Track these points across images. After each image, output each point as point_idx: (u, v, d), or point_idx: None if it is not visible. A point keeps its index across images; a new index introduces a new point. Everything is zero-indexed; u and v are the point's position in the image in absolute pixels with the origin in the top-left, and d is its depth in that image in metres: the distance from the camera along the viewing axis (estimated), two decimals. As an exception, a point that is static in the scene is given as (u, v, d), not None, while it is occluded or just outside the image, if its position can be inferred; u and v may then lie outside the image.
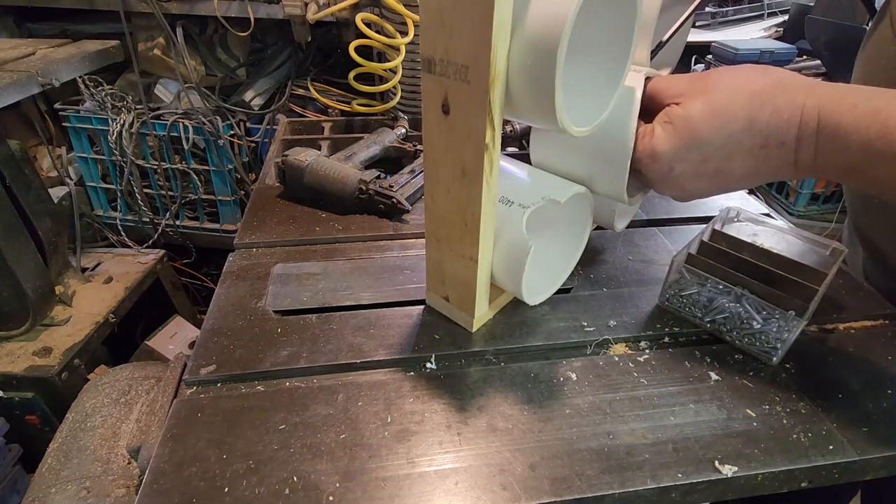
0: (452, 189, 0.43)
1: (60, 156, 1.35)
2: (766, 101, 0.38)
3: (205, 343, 0.48)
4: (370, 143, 0.82)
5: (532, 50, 0.35)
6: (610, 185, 0.47)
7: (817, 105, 0.37)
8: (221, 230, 1.40)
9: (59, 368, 0.93)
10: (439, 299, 0.52)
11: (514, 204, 0.45)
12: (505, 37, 0.35)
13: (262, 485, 0.37)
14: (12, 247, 0.92)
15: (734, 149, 0.40)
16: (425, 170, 0.45)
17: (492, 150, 0.39)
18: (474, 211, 0.42)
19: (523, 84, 0.37)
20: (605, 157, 0.46)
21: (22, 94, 0.92)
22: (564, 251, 0.54)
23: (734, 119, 0.39)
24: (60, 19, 1.34)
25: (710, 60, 1.21)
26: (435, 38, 0.38)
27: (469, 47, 0.36)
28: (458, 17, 0.35)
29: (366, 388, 0.44)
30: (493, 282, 0.49)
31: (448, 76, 0.38)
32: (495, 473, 0.38)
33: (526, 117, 0.41)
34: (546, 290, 0.53)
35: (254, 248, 0.62)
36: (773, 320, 0.46)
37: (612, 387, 0.45)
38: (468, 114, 0.38)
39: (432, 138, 0.43)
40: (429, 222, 0.48)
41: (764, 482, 0.39)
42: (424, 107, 0.42)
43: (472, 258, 0.45)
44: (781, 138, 0.38)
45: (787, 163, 0.39)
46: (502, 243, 0.46)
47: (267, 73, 1.34)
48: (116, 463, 0.56)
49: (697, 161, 0.41)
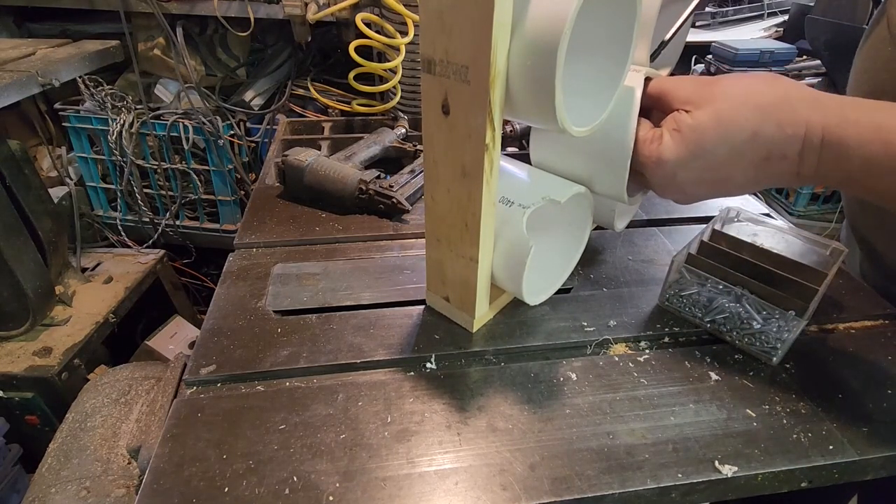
0: (452, 189, 0.43)
1: (60, 156, 1.35)
2: (771, 114, 0.39)
3: (205, 343, 0.48)
4: (370, 143, 0.82)
5: (532, 50, 0.35)
6: (610, 185, 0.47)
7: (821, 121, 0.38)
8: (221, 230, 1.40)
9: (59, 368, 0.93)
10: (440, 300, 0.52)
11: (514, 204, 0.45)
12: (505, 37, 0.35)
13: (262, 485, 0.37)
14: (12, 247, 0.92)
15: (737, 159, 0.40)
16: (425, 170, 0.45)
17: (492, 151, 0.39)
18: (474, 211, 0.42)
19: (523, 84, 0.37)
20: (605, 158, 0.46)
21: (22, 94, 0.92)
22: (564, 251, 0.54)
23: (740, 130, 0.39)
24: (60, 19, 1.34)
25: (709, 60, 1.21)
26: (435, 39, 0.38)
27: (469, 48, 0.36)
28: (458, 17, 0.35)
29: (366, 388, 0.44)
30: (494, 282, 0.49)
31: (448, 76, 0.38)
32: (495, 473, 0.38)
33: (526, 117, 0.41)
34: (546, 291, 0.53)
35: (254, 248, 0.62)
36: (773, 320, 0.46)
37: (612, 387, 0.45)
38: (468, 114, 0.38)
39: (432, 138, 0.43)
40: (429, 222, 0.48)
41: (764, 482, 0.39)
42: (424, 107, 0.42)
43: (472, 258, 0.45)
44: (784, 151, 0.39)
45: (789, 174, 0.40)
46: (502, 243, 0.45)
47: (267, 73, 1.34)
48: (116, 463, 0.56)
49: (701, 169, 0.42)
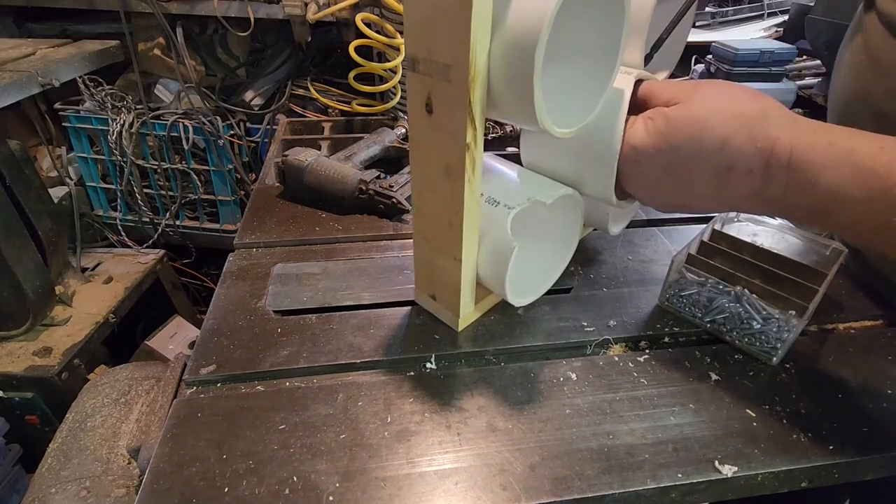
0: (438, 188, 0.43)
1: (60, 156, 1.35)
2: (744, 126, 0.38)
3: (205, 343, 0.48)
4: (370, 143, 0.82)
5: (511, 50, 0.35)
6: (597, 187, 0.47)
7: (791, 140, 0.36)
8: (221, 230, 1.40)
9: (59, 368, 0.93)
10: (427, 298, 0.52)
11: (499, 204, 0.45)
12: (485, 36, 0.35)
13: (262, 485, 0.37)
14: (12, 247, 0.92)
15: (700, 165, 0.40)
16: (412, 168, 0.45)
17: (473, 150, 0.39)
18: (458, 210, 0.42)
19: (504, 84, 0.37)
20: (593, 159, 0.46)
21: (22, 94, 0.92)
22: (554, 253, 0.54)
23: (711, 135, 0.38)
24: (60, 19, 1.34)
25: (709, 60, 1.21)
26: (418, 37, 0.38)
27: (450, 46, 0.36)
28: (440, 16, 0.35)
29: (366, 388, 0.44)
30: (479, 281, 0.49)
31: (431, 75, 0.38)
32: (495, 473, 0.38)
33: (508, 117, 0.41)
34: (534, 292, 0.52)
35: (254, 248, 0.62)
36: (773, 320, 0.46)
37: (612, 387, 0.45)
38: (451, 113, 0.38)
39: (418, 137, 0.43)
40: (416, 221, 0.48)
41: (764, 482, 0.39)
42: (410, 105, 0.42)
43: (456, 257, 0.45)
44: (749, 166, 0.38)
45: (753, 192, 0.39)
46: (487, 243, 0.45)
47: (267, 73, 1.34)
48: (116, 463, 0.56)
49: (664, 165, 0.41)
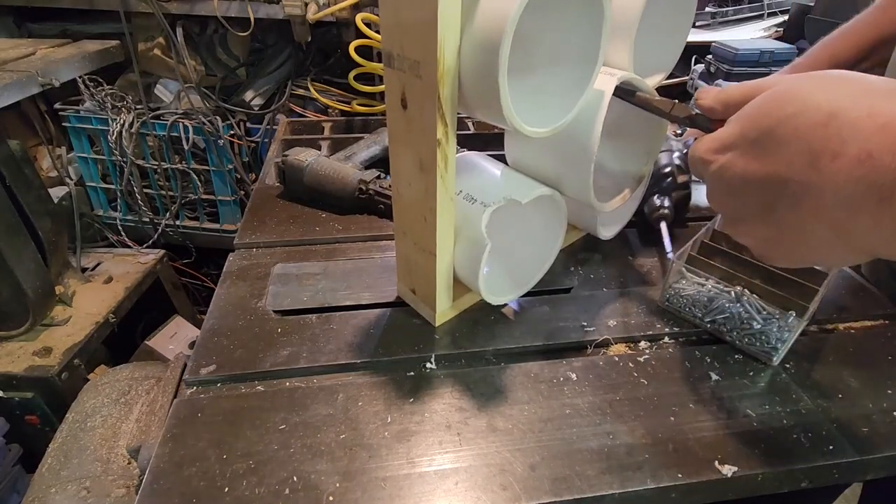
0: (413, 183, 0.43)
1: (60, 156, 1.35)
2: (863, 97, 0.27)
3: (205, 343, 0.48)
4: (370, 143, 0.82)
5: (479, 48, 0.35)
6: (575, 188, 0.47)
7: None
8: (221, 230, 1.40)
9: (59, 368, 0.93)
10: (408, 291, 0.52)
11: (476, 202, 0.45)
12: (453, 34, 0.35)
13: (262, 485, 0.36)
14: (12, 247, 0.92)
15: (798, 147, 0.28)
16: (391, 163, 0.46)
17: (445, 146, 0.39)
18: (432, 206, 0.42)
19: (473, 82, 0.37)
20: (571, 159, 0.46)
21: (22, 94, 0.92)
22: (535, 254, 0.53)
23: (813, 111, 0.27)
24: (60, 19, 1.34)
25: (709, 60, 1.21)
26: (392, 33, 0.38)
27: (419, 43, 0.36)
28: (410, 12, 0.36)
29: (366, 388, 0.44)
30: (457, 278, 0.49)
31: (404, 71, 0.38)
32: (495, 473, 0.38)
33: (479, 115, 0.41)
34: (512, 292, 0.51)
35: (254, 248, 0.62)
36: (773, 320, 0.46)
37: (612, 387, 0.45)
38: (422, 109, 0.39)
39: (394, 132, 0.43)
40: (396, 215, 0.48)
41: (764, 482, 0.39)
42: (387, 100, 0.42)
43: (431, 252, 0.45)
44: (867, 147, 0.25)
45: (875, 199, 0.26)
46: (462, 240, 0.45)
47: (267, 73, 1.34)
48: (116, 463, 0.56)
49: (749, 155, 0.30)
